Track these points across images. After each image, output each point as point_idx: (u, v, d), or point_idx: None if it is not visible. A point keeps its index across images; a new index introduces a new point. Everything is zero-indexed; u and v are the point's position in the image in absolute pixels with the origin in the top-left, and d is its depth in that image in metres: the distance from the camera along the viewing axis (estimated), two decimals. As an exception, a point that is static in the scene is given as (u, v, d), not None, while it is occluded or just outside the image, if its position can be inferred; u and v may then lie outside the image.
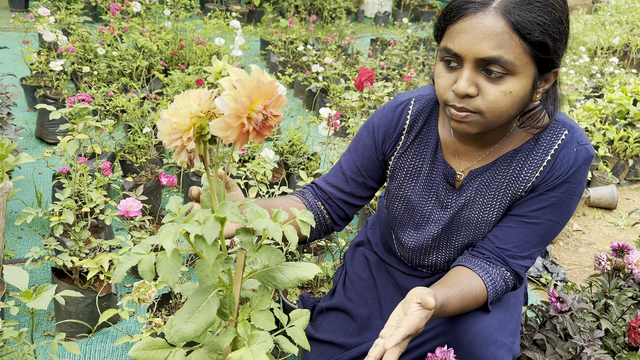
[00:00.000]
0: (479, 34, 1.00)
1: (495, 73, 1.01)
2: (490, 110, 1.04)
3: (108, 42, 3.66)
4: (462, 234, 1.28)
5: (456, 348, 1.18)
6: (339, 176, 1.34)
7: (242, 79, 0.77)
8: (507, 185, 1.20)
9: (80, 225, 1.85)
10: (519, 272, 1.21)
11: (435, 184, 1.27)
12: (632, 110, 3.74)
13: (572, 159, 1.15)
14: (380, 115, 1.31)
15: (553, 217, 1.18)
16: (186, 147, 0.84)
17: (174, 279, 0.85)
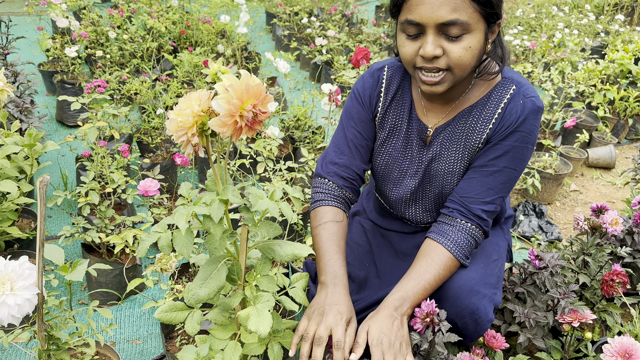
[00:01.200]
0: (435, 2, 1.13)
1: (455, 33, 1.16)
2: (457, 65, 1.19)
3: (118, 25, 3.79)
4: (433, 186, 1.45)
5: (444, 301, 1.34)
6: (347, 151, 1.47)
7: (233, 84, 0.92)
8: (466, 138, 1.36)
9: (105, 205, 2.04)
10: (480, 216, 1.34)
11: (411, 141, 1.44)
12: (634, 69, 3.78)
13: (520, 110, 1.29)
14: (361, 83, 1.47)
15: (509, 164, 1.33)
16: (191, 142, 0.99)
17: (188, 252, 1.02)
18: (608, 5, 5.56)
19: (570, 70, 3.69)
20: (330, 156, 1.48)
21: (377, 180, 1.56)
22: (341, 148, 1.47)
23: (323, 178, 1.48)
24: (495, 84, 1.34)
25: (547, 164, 2.72)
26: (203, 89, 1.02)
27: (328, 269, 1.34)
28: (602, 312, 1.73)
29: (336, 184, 1.46)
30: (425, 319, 1.20)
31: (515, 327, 1.52)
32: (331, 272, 1.33)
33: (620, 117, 3.59)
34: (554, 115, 3.06)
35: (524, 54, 3.83)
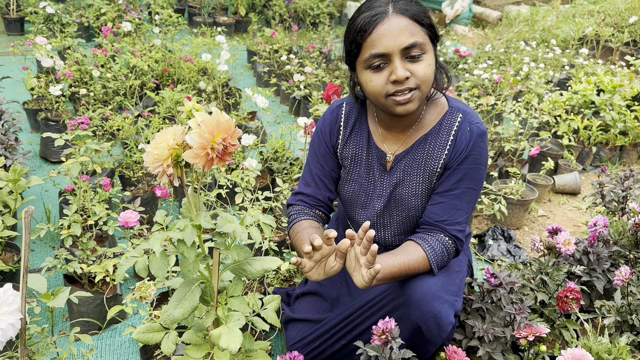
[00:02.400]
0: (394, 31, 1.33)
1: (417, 54, 1.35)
2: (423, 82, 1.37)
3: (102, 63, 3.91)
4: (399, 209, 1.60)
5: (409, 305, 1.45)
6: (312, 183, 1.66)
7: (204, 120, 1.03)
8: (425, 164, 1.54)
9: (86, 237, 2.11)
10: (457, 236, 1.51)
11: (372, 167, 1.61)
12: (596, 100, 3.98)
13: (468, 136, 1.48)
14: (322, 121, 1.66)
15: (470, 185, 1.50)
16: (166, 172, 1.10)
17: (163, 274, 1.11)
18: (573, 40, 5.85)
19: (537, 101, 3.88)
20: (299, 188, 1.69)
21: (347, 206, 1.69)
22: (307, 181, 1.67)
23: (293, 205, 1.67)
24: (444, 112, 1.53)
25: (514, 190, 2.86)
26: (179, 125, 1.13)
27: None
28: (562, 328, 1.83)
29: (306, 206, 1.65)
30: (381, 336, 1.28)
31: (475, 341, 1.61)
32: None
33: (585, 145, 3.77)
34: (521, 144, 3.22)
35: (491, 87, 4.02)
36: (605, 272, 1.99)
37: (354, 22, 1.39)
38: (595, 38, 5.99)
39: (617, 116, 3.77)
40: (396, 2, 1.36)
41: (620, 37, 5.87)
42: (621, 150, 3.91)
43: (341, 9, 7.77)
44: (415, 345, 1.52)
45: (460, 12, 7.13)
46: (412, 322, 1.45)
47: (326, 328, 1.66)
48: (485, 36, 6.40)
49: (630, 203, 2.32)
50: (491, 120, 3.74)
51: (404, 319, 1.48)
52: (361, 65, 1.40)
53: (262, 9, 7.15)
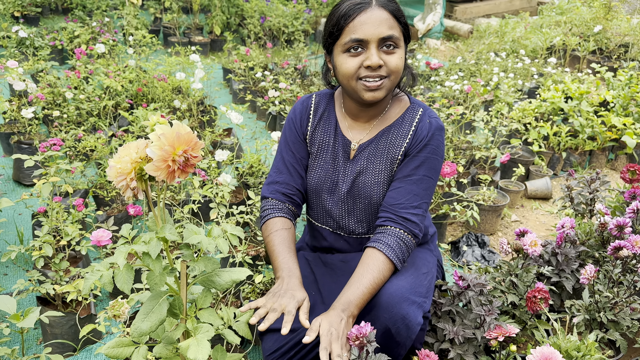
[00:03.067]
0: (375, 21, 1.46)
1: (391, 46, 1.48)
2: (393, 72, 1.51)
3: (75, 85, 3.90)
4: (362, 196, 1.67)
5: (378, 308, 1.48)
6: (284, 170, 1.72)
7: (164, 132, 1.05)
8: (387, 152, 1.64)
9: (59, 257, 2.09)
10: (407, 217, 1.56)
11: (338, 154, 1.70)
12: (565, 106, 4.09)
13: (428, 127, 1.61)
14: (293, 110, 1.77)
15: (427, 173, 1.60)
16: (130, 186, 1.11)
17: (128, 287, 1.11)
18: (542, 50, 6.00)
19: (507, 110, 3.97)
20: (271, 177, 1.74)
21: (313, 195, 1.75)
22: (279, 168, 1.73)
23: (267, 198, 1.73)
24: (407, 108, 1.65)
25: (485, 196, 2.91)
26: (142, 139, 1.14)
27: (283, 266, 1.55)
28: (533, 329, 1.86)
29: (279, 200, 1.70)
30: (356, 341, 1.30)
31: (446, 344, 1.63)
32: (286, 268, 1.55)
33: (555, 151, 3.86)
34: (492, 152, 3.29)
35: (462, 98, 4.10)
36: (573, 272, 2.04)
37: (339, 7, 1.50)
38: (562, 47, 6.16)
39: (585, 122, 3.87)
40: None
41: (586, 45, 6.05)
42: (590, 155, 4.00)
43: (315, 26, 7.87)
44: (386, 348, 1.54)
45: (432, 27, 7.27)
46: (382, 325, 1.48)
47: (302, 336, 1.67)
48: (456, 49, 6.53)
49: (597, 204, 2.39)
50: (462, 129, 3.81)
51: (373, 322, 1.50)
52: (339, 49, 1.51)
53: (237, 27, 7.21)
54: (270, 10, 6.94)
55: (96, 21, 6.16)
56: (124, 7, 6.38)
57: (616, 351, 1.86)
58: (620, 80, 4.48)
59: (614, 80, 4.60)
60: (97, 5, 7.21)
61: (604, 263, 2.09)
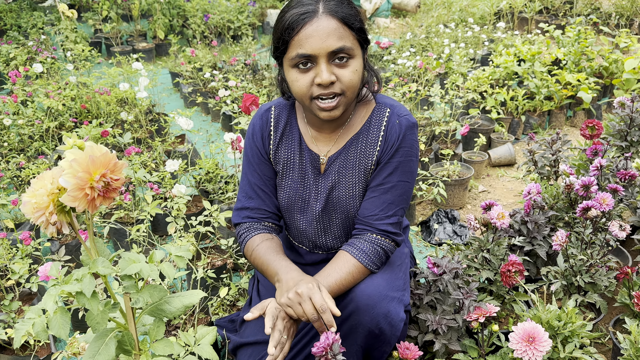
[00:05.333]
0: (322, 34, 1.28)
1: (344, 59, 1.31)
2: (349, 88, 1.34)
3: (14, 111, 3.69)
4: (338, 212, 1.55)
5: (358, 311, 1.40)
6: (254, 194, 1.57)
7: (76, 158, 0.93)
8: (359, 162, 1.50)
9: (8, 298, 1.95)
10: (387, 230, 1.46)
11: (306, 170, 1.55)
12: (519, 70, 4.07)
13: (398, 129, 1.46)
14: (251, 127, 1.59)
15: (402, 177, 1.47)
16: (50, 221, 0.99)
17: (65, 333, 1.00)
18: (490, 16, 5.99)
19: (462, 81, 3.93)
20: (240, 202, 1.58)
21: (286, 214, 1.63)
22: (248, 193, 1.57)
23: (239, 224, 1.59)
24: (372, 109, 1.50)
25: (450, 171, 2.86)
26: (56, 167, 1.02)
27: (278, 268, 1.41)
28: (512, 302, 1.81)
29: (252, 221, 1.56)
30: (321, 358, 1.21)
31: (430, 335, 1.56)
32: (282, 267, 1.41)
33: (514, 116, 3.84)
34: (451, 125, 3.24)
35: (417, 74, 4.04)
36: (546, 238, 2.00)
37: (283, 17, 1.33)
38: (509, 11, 6.17)
39: (540, 83, 3.87)
40: (327, 2, 1.31)
41: (533, 6, 6.07)
42: (549, 115, 4.00)
43: (262, 18, 7.71)
44: (372, 349, 1.47)
45: (379, 5, 7.20)
46: (365, 328, 1.41)
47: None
48: (406, 25, 6.48)
49: (561, 165, 2.35)
50: (419, 106, 3.75)
51: (356, 327, 1.42)
52: (288, 63, 1.35)
53: (181, 29, 7.00)
54: (213, 7, 6.75)
55: (32, 40, 5.88)
56: (60, 22, 6.10)
57: (597, 312, 1.83)
58: (569, 36, 4.49)
59: (563, 38, 4.61)
60: (32, 23, 6.88)
61: (575, 225, 2.05)
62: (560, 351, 1.54)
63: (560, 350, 1.54)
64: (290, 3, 1.35)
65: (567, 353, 1.53)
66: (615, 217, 1.99)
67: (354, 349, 1.44)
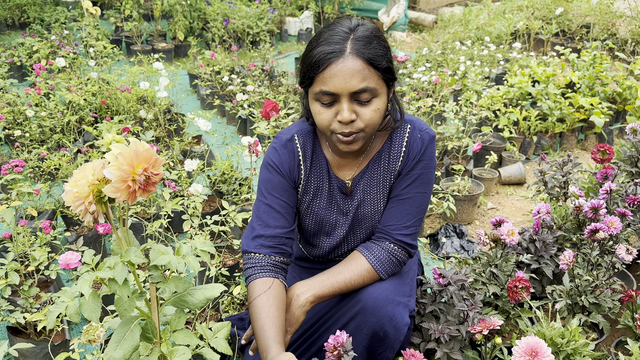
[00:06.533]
0: (347, 74, 1.29)
1: (366, 98, 1.33)
2: (368, 126, 1.37)
3: (36, 102, 3.78)
4: (363, 227, 1.61)
5: (364, 313, 1.46)
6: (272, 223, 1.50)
7: (121, 152, 1.00)
8: (382, 179, 1.55)
9: (27, 284, 2.01)
10: (403, 240, 1.52)
11: (334, 196, 1.59)
12: (532, 90, 4.12)
13: (420, 143, 1.51)
14: (275, 155, 1.54)
15: (419, 189, 1.53)
16: (89, 210, 1.05)
17: (96, 316, 1.06)
18: (506, 35, 6.05)
19: (476, 98, 3.98)
20: (255, 230, 1.51)
21: (308, 235, 1.68)
22: (266, 221, 1.51)
23: (249, 253, 1.51)
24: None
25: (460, 186, 2.91)
26: (98, 160, 1.08)
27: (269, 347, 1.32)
28: (517, 318, 1.86)
29: (263, 254, 1.49)
30: (333, 351, 1.26)
31: (432, 343, 1.61)
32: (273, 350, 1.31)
33: (526, 136, 3.88)
34: (463, 141, 3.29)
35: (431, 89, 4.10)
36: (552, 257, 2.04)
37: (310, 53, 1.34)
38: (526, 32, 6.22)
39: (553, 104, 3.91)
40: (356, 41, 1.31)
41: (549, 28, 6.12)
42: (561, 137, 4.05)
43: (280, 25, 7.81)
44: (375, 353, 1.52)
45: (396, 19, 7.28)
46: (370, 329, 1.46)
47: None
48: (422, 40, 6.55)
49: (571, 187, 2.40)
50: (432, 121, 3.81)
51: (361, 327, 1.48)
52: (312, 96, 1.38)
53: (201, 32, 7.10)
54: (233, 12, 6.85)
55: (55, 34, 5.99)
56: (83, 18, 6.22)
57: (600, 333, 1.87)
58: (585, 60, 4.54)
59: (579, 61, 4.66)
60: (56, 18, 7.01)
61: (582, 246, 2.10)
62: (561, 367, 1.58)
63: (561, 367, 1.58)
64: (319, 37, 1.36)
65: (568, 370, 1.58)
66: (622, 241, 2.03)
67: (359, 350, 1.49)
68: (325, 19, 7.82)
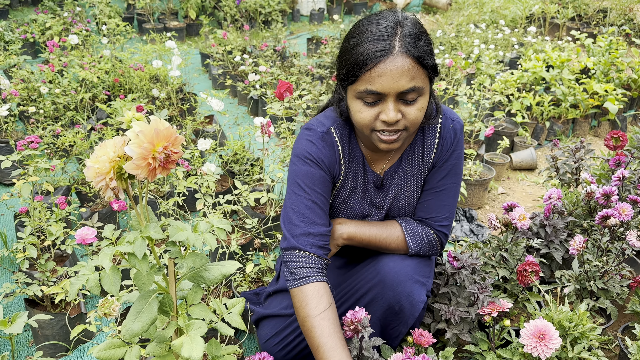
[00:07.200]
0: (396, 74, 1.24)
1: (412, 98, 1.28)
2: (412, 125, 1.34)
3: (50, 79, 3.80)
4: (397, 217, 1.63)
5: (384, 286, 1.50)
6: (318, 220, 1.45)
7: (142, 130, 1.01)
8: (417, 172, 1.56)
9: (44, 258, 2.05)
10: (443, 232, 1.57)
11: (369, 190, 1.59)
12: (546, 76, 4.09)
13: (453, 133, 1.51)
14: (314, 149, 1.46)
15: (453, 180, 1.55)
16: (109, 186, 1.08)
17: (116, 289, 1.09)
18: (521, 19, 5.97)
19: (489, 82, 3.96)
20: (300, 227, 1.44)
21: None
22: (311, 218, 1.44)
23: (301, 250, 1.43)
24: None
25: (472, 171, 2.91)
26: (118, 136, 1.10)
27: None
28: (525, 301, 1.88)
29: (317, 255, 1.43)
30: (350, 326, 1.30)
31: (443, 324, 1.64)
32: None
33: (538, 121, 3.86)
34: (476, 126, 3.28)
35: (444, 73, 4.08)
36: (562, 242, 2.05)
37: (355, 50, 1.27)
38: (541, 15, 6.14)
39: (567, 90, 3.88)
40: (404, 38, 1.25)
41: (565, 12, 6.03)
42: (574, 123, 4.02)
43: (293, 5, 7.75)
44: (388, 327, 1.55)
45: (410, 0, 7.20)
46: (386, 302, 1.50)
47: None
48: (436, 22, 6.48)
49: (583, 173, 2.39)
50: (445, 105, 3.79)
51: (377, 299, 1.51)
52: (353, 93, 1.32)
53: (213, 10, 7.07)
54: (246, -9, 6.80)
55: (67, 11, 5.99)
56: (95, -5, 6.22)
57: (607, 318, 1.88)
58: (600, 46, 4.48)
59: (594, 47, 4.60)
60: (67, -6, 7.01)
61: (592, 232, 2.10)
62: (568, 351, 1.60)
63: (568, 350, 1.60)
64: (364, 33, 1.28)
65: (575, 353, 1.60)
66: (633, 228, 2.03)
67: (372, 321, 1.52)
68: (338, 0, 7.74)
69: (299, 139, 1.49)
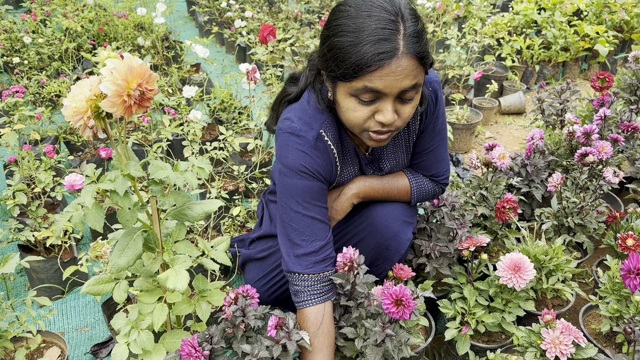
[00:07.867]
0: (400, 74, 1.17)
1: (410, 96, 1.23)
2: (404, 123, 1.29)
3: (33, 29, 3.73)
4: None
5: (372, 226, 1.56)
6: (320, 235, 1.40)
7: (116, 66, 1.02)
8: (405, 140, 1.57)
9: (35, 205, 2.09)
10: (445, 182, 1.65)
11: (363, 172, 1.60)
12: (538, 18, 4.03)
13: (434, 95, 1.50)
14: (308, 160, 1.38)
15: (442, 134, 1.60)
16: (87, 125, 1.09)
17: (100, 225, 1.12)
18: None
19: (480, 26, 3.90)
20: (303, 247, 1.40)
21: None
22: (312, 234, 1.40)
23: (301, 274, 1.40)
24: None
25: (459, 115, 2.93)
26: (94, 75, 1.11)
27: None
28: (504, 238, 1.94)
29: (315, 273, 1.40)
30: (344, 267, 1.33)
31: (423, 259, 1.70)
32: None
33: (528, 65, 3.84)
34: (465, 70, 3.27)
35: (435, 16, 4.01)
36: (543, 181, 2.09)
37: (354, 49, 1.16)
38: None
39: (558, 33, 3.84)
40: (408, 37, 1.17)
41: (561, -47, 5.88)
42: (564, 66, 4.00)
43: (281, -51, 7.50)
44: (373, 265, 1.61)
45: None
46: (374, 241, 1.56)
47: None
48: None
49: (567, 114, 2.42)
50: (434, 49, 3.76)
51: (366, 239, 1.58)
52: (346, 89, 1.23)
53: (199, -44, 6.85)
54: None
55: (48, -42, 5.80)
56: (75, -60, 5.99)
57: (584, 253, 1.95)
58: (594, -13, 4.40)
59: (587, -12, 4.51)
60: (47, -60, 6.75)
61: (572, 170, 2.14)
62: (543, 282, 1.67)
63: (543, 282, 1.67)
64: (360, 26, 1.17)
65: (549, 284, 1.67)
66: (613, 166, 2.07)
67: None
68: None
69: (287, 146, 1.39)
